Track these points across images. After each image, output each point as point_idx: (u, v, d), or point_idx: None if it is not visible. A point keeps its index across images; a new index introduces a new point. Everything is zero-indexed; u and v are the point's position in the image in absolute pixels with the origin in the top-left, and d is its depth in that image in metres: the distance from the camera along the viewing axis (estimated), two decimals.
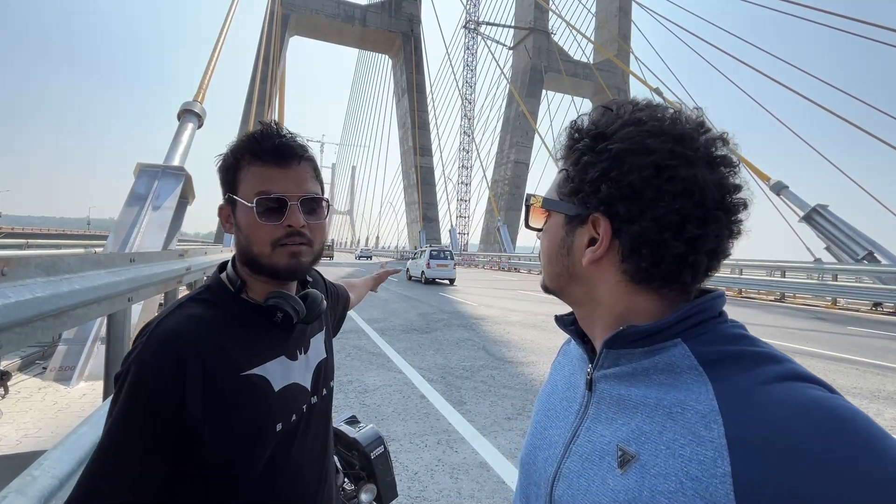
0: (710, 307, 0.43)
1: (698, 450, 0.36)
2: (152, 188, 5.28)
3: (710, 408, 0.37)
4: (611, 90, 37.33)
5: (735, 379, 0.38)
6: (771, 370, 0.38)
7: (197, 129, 7.92)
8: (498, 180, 40.73)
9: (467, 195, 42.83)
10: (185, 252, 3.67)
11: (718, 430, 0.36)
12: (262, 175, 0.69)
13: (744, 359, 0.39)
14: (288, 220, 0.68)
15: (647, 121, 0.44)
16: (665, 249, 0.42)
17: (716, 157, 0.43)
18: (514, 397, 3.84)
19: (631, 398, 0.43)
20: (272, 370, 0.70)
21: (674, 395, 0.40)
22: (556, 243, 0.50)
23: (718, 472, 0.34)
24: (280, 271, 0.70)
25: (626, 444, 0.41)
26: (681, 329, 0.42)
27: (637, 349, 0.44)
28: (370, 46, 45.64)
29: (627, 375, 0.45)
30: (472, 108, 42.81)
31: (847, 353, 5.81)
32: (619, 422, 0.43)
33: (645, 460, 0.39)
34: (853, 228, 13.04)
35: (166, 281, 3.00)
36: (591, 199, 0.45)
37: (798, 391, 0.35)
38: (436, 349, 5.61)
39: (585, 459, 0.45)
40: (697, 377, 0.40)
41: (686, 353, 0.41)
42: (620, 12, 38.52)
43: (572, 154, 0.48)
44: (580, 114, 0.50)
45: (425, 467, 2.58)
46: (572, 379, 0.54)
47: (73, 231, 24.35)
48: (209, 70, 10.05)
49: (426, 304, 9.87)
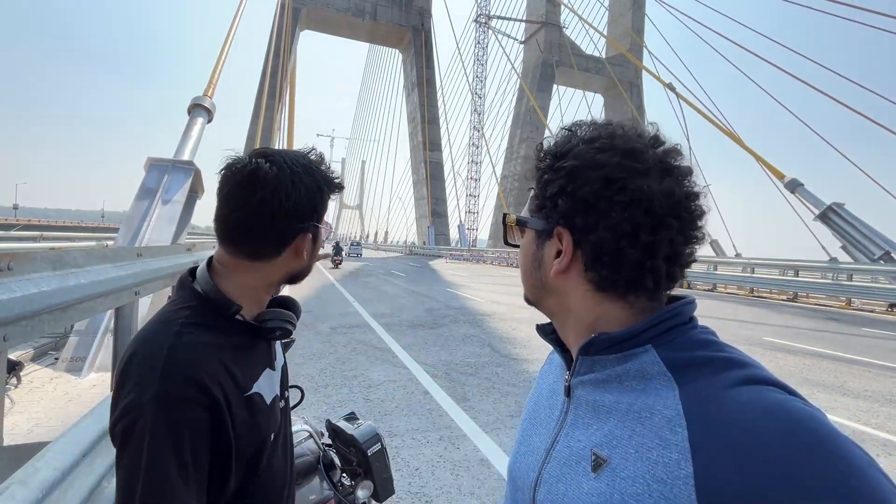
0: (680, 313, 0.45)
1: (664, 453, 0.37)
2: (162, 182, 5.34)
3: (676, 412, 0.39)
4: (623, 85, 36.88)
5: (700, 383, 0.40)
6: (734, 375, 0.39)
7: (207, 124, 7.99)
8: (507, 175, 40.55)
9: (476, 191, 42.73)
10: (193, 246, 3.71)
11: (683, 434, 0.37)
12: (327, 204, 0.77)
13: (710, 364, 0.41)
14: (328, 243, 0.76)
15: (598, 138, 0.47)
16: (623, 257, 0.44)
17: (668, 167, 0.45)
18: (518, 395, 3.84)
19: (605, 404, 0.45)
20: (263, 385, 0.72)
21: (643, 400, 0.42)
22: (529, 257, 0.53)
23: (682, 473, 0.35)
24: (303, 278, 0.79)
25: (599, 448, 0.43)
26: (651, 335, 0.44)
27: (610, 355, 0.46)
28: (380, 41, 45.55)
29: (602, 381, 0.46)
30: (482, 103, 42.60)
31: (860, 354, 5.71)
32: (594, 427, 0.45)
33: (616, 464, 0.41)
34: (870, 227, 12.74)
35: (173, 275, 3.03)
36: (552, 213, 0.48)
37: (759, 394, 0.37)
38: (441, 345, 5.62)
39: (563, 464, 0.46)
40: (666, 382, 0.41)
41: (655, 359, 0.43)
42: (634, 6, 37.92)
43: (537, 173, 0.51)
44: (556, 130, 0.53)
45: (427, 463, 2.59)
46: (555, 386, 0.55)
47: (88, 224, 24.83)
48: (219, 64, 10.11)
49: (433, 300, 9.89)
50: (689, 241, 0.45)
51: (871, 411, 3.68)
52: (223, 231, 0.69)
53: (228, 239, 0.70)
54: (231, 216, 0.68)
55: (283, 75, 29.56)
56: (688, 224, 0.44)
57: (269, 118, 29.19)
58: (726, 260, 16.38)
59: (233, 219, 0.68)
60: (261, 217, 0.67)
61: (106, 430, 1.45)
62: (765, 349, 5.87)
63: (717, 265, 15.41)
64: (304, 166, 0.71)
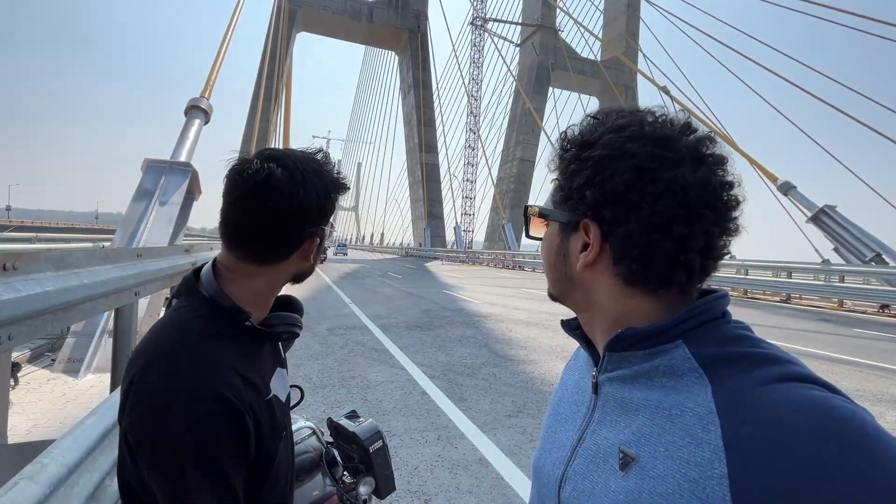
0: (712, 308, 0.43)
1: (696, 452, 0.36)
2: (159, 183, 5.34)
3: (708, 410, 0.37)
4: (618, 88, 37.10)
5: (734, 381, 0.38)
6: (771, 371, 0.37)
7: (204, 125, 7.98)
8: (503, 178, 40.67)
9: (472, 193, 42.84)
10: (192, 247, 3.72)
11: (716, 433, 0.36)
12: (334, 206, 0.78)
13: (744, 360, 0.39)
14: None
15: (628, 126, 0.44)
16: (654, 250, 0.42)
17: (700, 156, 0.43)
18: (515, 395, 3.87)
19: (633, 401, 0.44)
20: (277, 385, 0.74)
21: (674, 397, 0.40)
22: (554, 250, 0.51)
23: (715, 473, 0.34)
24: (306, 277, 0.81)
25: (627, 446, 0.42)
26: (682, 331, 0.42)
27: (638, 352, 0.44)
28: (377, 43, 45.63)
29: (630, 378, 0.45)
30: (478, 106, 42.74)
31: (851, 355, 5.78)
32: (622, 424, 0.44)
33: (645, 462, 0.40)
34: (861, 230, 12.90)
35: (172, 276, 3.04)
36: (579, 205, 0.46)
37: (796, 392, 0.35)
38: (438, 346, 5.64)
39: (590, 461, 0.45)
40: (698, 379, 0.40)
41: (686, 354, 0.41)
42: (629, 9, 38.23)
43: (562, 163, 0.49)
44: (582, 118, 0.51)
45: (425, 462, 2.61)
46: (581, 383, 0.55)
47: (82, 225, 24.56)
48: (216, 66, 10.12)
49: (430, 301, 9.91)
50: (725, 232, 0.43)
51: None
52: (231, 235, 0.69)
53: (236, 243, 0.69)
54: (241, 221, 0.68)
55: (280, 77, 29.54)
56: (723, 215, 0.43)
57: (266, 119, 29.13)
58: (721, 262, 16.49)
59: (243, 223, 0.68)
60: (272, 222, 0.67)
61: (108, 429, 1.47)
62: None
63: None
64: (314, 169, 0.70)
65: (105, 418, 1.50)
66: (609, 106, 0.49)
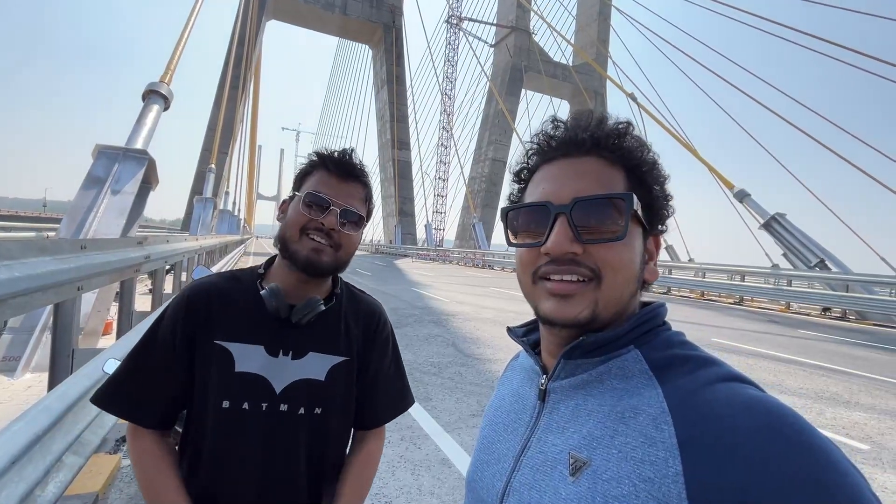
0: (657, 315, 0.46)
1: (650, 451, 0.37)
2: (112, 171, 5.04)
3: (661, 409, 0.38)
4: (588, 93, 38.02)
5: (681, 381, 0.39)
6: (711, 372, 0.39)
7: (164, 112, 7.60)
8: (475, 177, 40.87)
9: (444, 191, 42.83)
10: (145, 239, 3.51)
11: (669, 431, 0.36)
12: (321, 180, 0.82)
13: (688, 363, 0.41)
14: (323, 219, 0.78)
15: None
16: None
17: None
18: (481, 394, 3.88)
19: (585, 406, 0.44)
20: (241, 351, 0.78)
21: (626, 400, 0.41)
22: (640, 257, 0.46)
23: (670, 471, 0.35)
24: (299, 260, 0.78)
25: (577, 450, 0.41)
26: (634, 336, 0.44)
27: (594, 358, 0.45)
28: (350, 36, 44.83)
29: (583, 384, 0.45)
30: (451, 104, 42.72)
31: (796, 355, 6.13)
32: (571, 430, 0.43)
33: (597, 465, 0.39)
34: (807, 237, 13.74)
35: (122, 270, 2.87)
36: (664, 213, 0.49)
37: (739, 391, 0.37)
38: (405, 345, 5.59)
39: (536, 470, 0.44)
40: (647, 381, 0.41)
41: (638, 357, 0.43)
42: (600, 17, 39.16)
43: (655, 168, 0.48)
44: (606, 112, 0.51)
45: (387, 464, 2.57)
46: (521, 391, 0.53)
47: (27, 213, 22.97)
48: (178, 50, 9.65)
49: (398, 300, 9.83)
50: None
51: (806, 407, 3.97)
52: None
53: None
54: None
55: (248, 65, 28.55)
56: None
57: (232, 109, 28.08)
58: (680, 265, 17.20)
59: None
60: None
61: (39, 436, 1.35)
62: (713, 350, 6.17)
63: (671, 269, 16.15)
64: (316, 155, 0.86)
65: (36, 424, 1.38)
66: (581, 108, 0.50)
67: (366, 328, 0.90)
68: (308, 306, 0.80)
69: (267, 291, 0.78)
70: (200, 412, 0.77)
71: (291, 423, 0.79)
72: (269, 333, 0.79)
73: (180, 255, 4.93)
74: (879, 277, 11.64)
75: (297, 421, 0.79)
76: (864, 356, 6.38)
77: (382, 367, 0.92)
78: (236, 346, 0.77)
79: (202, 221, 13.38)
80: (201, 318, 0.78)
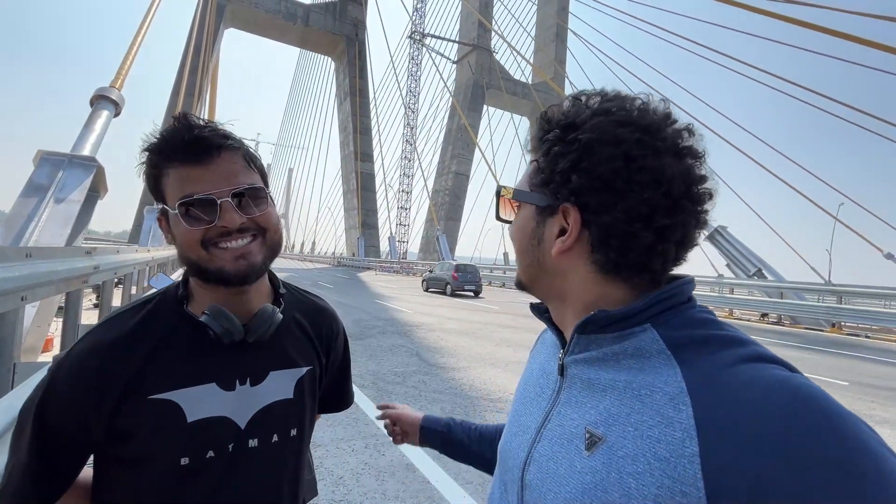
0: (680, 293, 0.44)
1: (667, 430, 0.36)
2: (56, 179, 4.77)
3: (679, 389, 0.37)
4: None
5: (702, 361, 0.38)
6: (736, 352, 0.38)
7: (114, 118, 7.28)
8: (439, 190, 41.23)
9: (408, 203, 42.87)
10: (94, 249, 3.36)
11: (687, 412, 0.36)
12: (182, 176, 0.61)
13: (710, 342, 0.40)
14: (222, 222, 0.61)
15: (615, 111, 0.44)
16: (634, 240, 0.42)
17: (682, 147, 0.43)
18: (444, 401, 3.93)
19: (600, 381, 0.43)
20: (191, 397, 0.62)
21: (642, 377, 0.40)
22: (528, 234, 0.50)
23: (686, 452, 0.34)
24: (230, 277, 0.62)
25: (594, 426, 0.41)
26: (650, 314, 0.42)
27: (608, 334, 0.44)
28: (312, 47, 44.55)
29: (597, 360, 0.45)
30: (415, 118, 43.09)
31: None
32: (589, 405, 0.43)
33: (612, 442, 0.39)
34: (746, 248, 14.84)
35: (69, 280, 2.73)
36: (561, 189, 0.45)
37: (762, 372, 0.36)
38: (369, 355, 5.56)
39: (555, 443, 0.45)
40: (666, 360, 0.40)
41: (655, 337, 0.41)
42: (557, 38, 40.92)
43: (542, 145, 0.48)
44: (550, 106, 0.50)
45: (351, 471, 2.57)
46: (547, 366, 0.54)
47: None
48: (130, 55, 9.29)
49: (362, 311, 9.73)
50: (699, 224, 0.44)
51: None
52: None
53: None
54: None
55: (204, 72, 27.71)
56: (700, 207, 0.44)
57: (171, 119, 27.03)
58: None
59: None
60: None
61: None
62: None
63: None
64: (149, 144, 0.63)
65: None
66: (586, 90, 0.49)
67: (325, 333, 0.81)
68: (264, 320, 0.67)
69: (209, 316, 0.63)
70: (147, 477, 0.61)
71: (266, 457, 0.67)
72: (217, 365, 0.65)
73: (131, 267, 4.71)
74: (809, 285, 12.72)
75: (272, 452, 0.68)
76: (796, 356, 6.91)
77: (336, 371, 0.85)
78: (181, 393, 0.62)
79: (153, 233, 12.73)
80: (118, 380, 0.59)
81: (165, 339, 0.63)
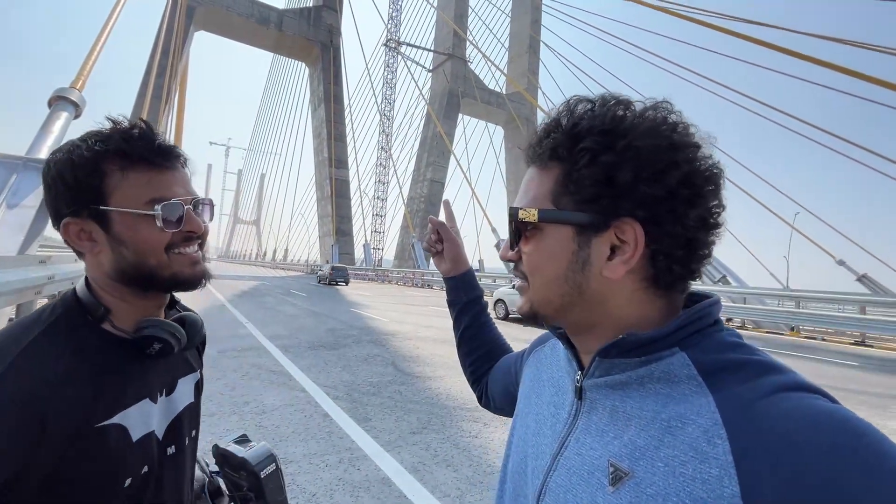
0: (709, 314, 0.41)
1: (701, 467, 0.33)
2: (8, 183, 4.51)
3: (713, 421, 0.34)
4: (520, 120, 40.13)
5: (737, 390, 0.35)
6: (774, 380, 0.35)
7: (74, 120, 6.96)
8: (414, 197, 41.20)
9: (383, 210, 42.67)
10: (49, 258, 3.18)
11: (723, 447, 0.33)
12: (148, 180, 0.61)
13: (744, 368, 0.37)
14: (189, 227, 0.63)
15: (651, 111, 0.41)
16: (697, 248, 0.40)
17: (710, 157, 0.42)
18: (420, 411, 3.88)
19: (624, 410, 0.40)
20: (133, 417, 0.61)
21: (672, 407, 0.37)
22: (566, 259, 0.43)
23: (725, 493, 0.32)
24: (187, 281, 0.64)
25: (618, 459, 0.38)
26: (679, 337, 0.39)
27: (633, 359, 0.41)
28: (286, 52, 43.99)
29: (620, 384, 0.42)
30: (390, 125, 43.10)
31: None
32: (611, 434, 0.40)
33: (640, 478, 0.36)
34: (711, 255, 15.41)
35: (21, 291, 2.57)
36: (622, 203, 0.40)
37: (803, 402, 0.33)
38: (343, 366, 5.46)
39: (574, 474, 0.42)
40: (696, 387, 0.37)
41: (685, 361, 0.38)
42: (530, 50, 41.84)
43: (579, 155, 0.41)
44: (566, 104, 0.45)
45: (324, 488, 2.49)
46: (560, 382, 0.50)
47: None
48: (93, 55, 8.94)
49: (335, 320, 9.56)
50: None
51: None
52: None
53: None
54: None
55: (173, 75, 26.91)
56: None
57: (153, 121, 26.22)
58: None
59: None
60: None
61: None
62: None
63: None
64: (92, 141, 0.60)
65: None
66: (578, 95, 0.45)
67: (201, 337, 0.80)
68: (196, 327, 0.70)
69: (155, 329, 0.63)
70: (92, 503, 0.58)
71: (179, 462, 0.69)
72: (147, 379, 0.65)
73: None
74: (770, 290, 13.31)
75: (182, 456, 0.70)
76: None
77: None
78: (125, 414, 0.60)
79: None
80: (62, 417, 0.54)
81: (96, 362, 0.59)
